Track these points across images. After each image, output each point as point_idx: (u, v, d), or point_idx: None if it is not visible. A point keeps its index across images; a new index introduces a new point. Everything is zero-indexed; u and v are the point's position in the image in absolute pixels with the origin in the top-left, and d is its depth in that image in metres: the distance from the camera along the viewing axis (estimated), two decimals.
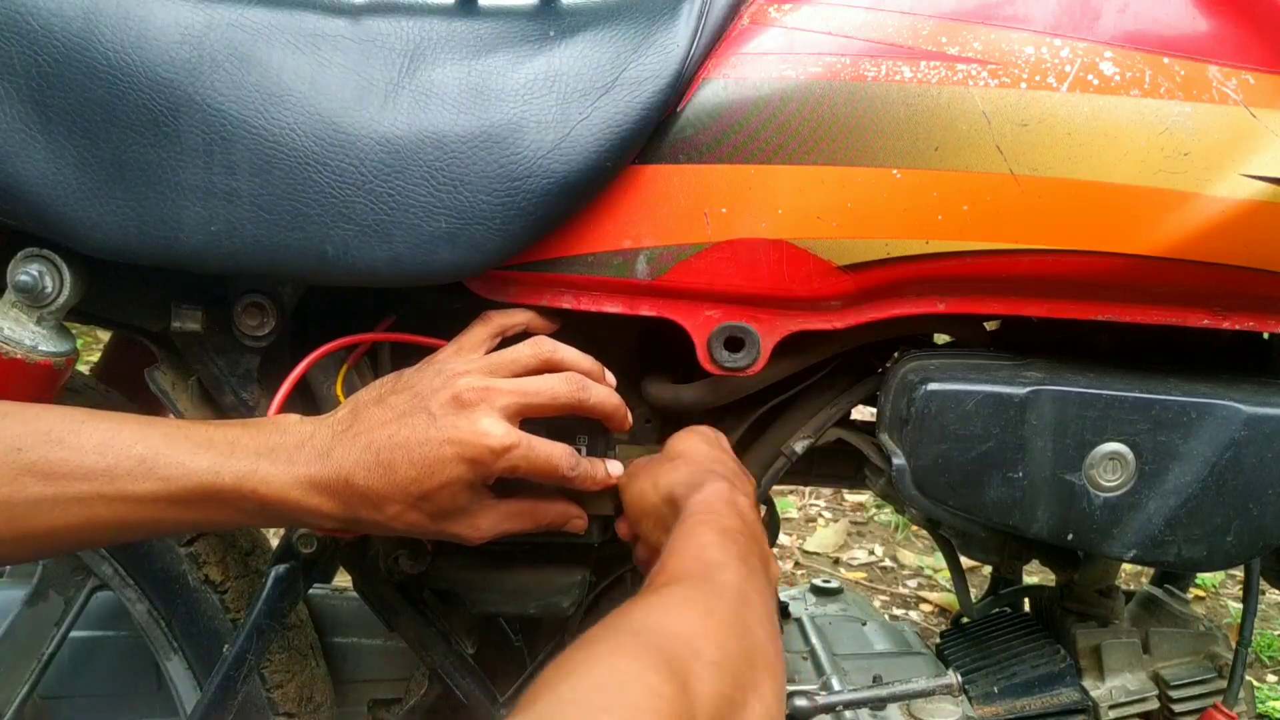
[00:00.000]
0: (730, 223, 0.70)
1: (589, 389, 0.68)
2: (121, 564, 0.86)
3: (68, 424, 0.59)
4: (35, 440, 0.58)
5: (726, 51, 0.70)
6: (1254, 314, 0.74)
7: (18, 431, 0.58)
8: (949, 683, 0.79)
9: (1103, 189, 0.68)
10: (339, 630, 1.00)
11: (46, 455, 0.58)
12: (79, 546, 0.81)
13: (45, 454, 0.58)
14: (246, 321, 0.74)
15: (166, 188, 0.66)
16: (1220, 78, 0.67)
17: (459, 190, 0.67)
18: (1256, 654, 1.97)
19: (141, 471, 0.59)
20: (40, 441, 0.58)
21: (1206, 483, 0.72)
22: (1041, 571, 1.11)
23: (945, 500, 0.74)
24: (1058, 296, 0.74)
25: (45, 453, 0.58)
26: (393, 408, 0.64)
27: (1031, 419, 0.72)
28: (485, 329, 0.71)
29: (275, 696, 0.89)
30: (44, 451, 0.58)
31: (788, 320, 0.74)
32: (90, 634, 0.94)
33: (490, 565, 0.85)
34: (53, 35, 0.64)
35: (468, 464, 0.62)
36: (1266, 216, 0.68)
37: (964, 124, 0.68)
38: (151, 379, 0.78)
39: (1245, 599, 0.91)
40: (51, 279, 0.69)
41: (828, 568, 2.29)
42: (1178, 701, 0.90)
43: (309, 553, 0.79)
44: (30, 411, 0.60)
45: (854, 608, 1.16)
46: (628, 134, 0.68)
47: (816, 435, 0.83)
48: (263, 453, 0.62)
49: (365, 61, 0.68)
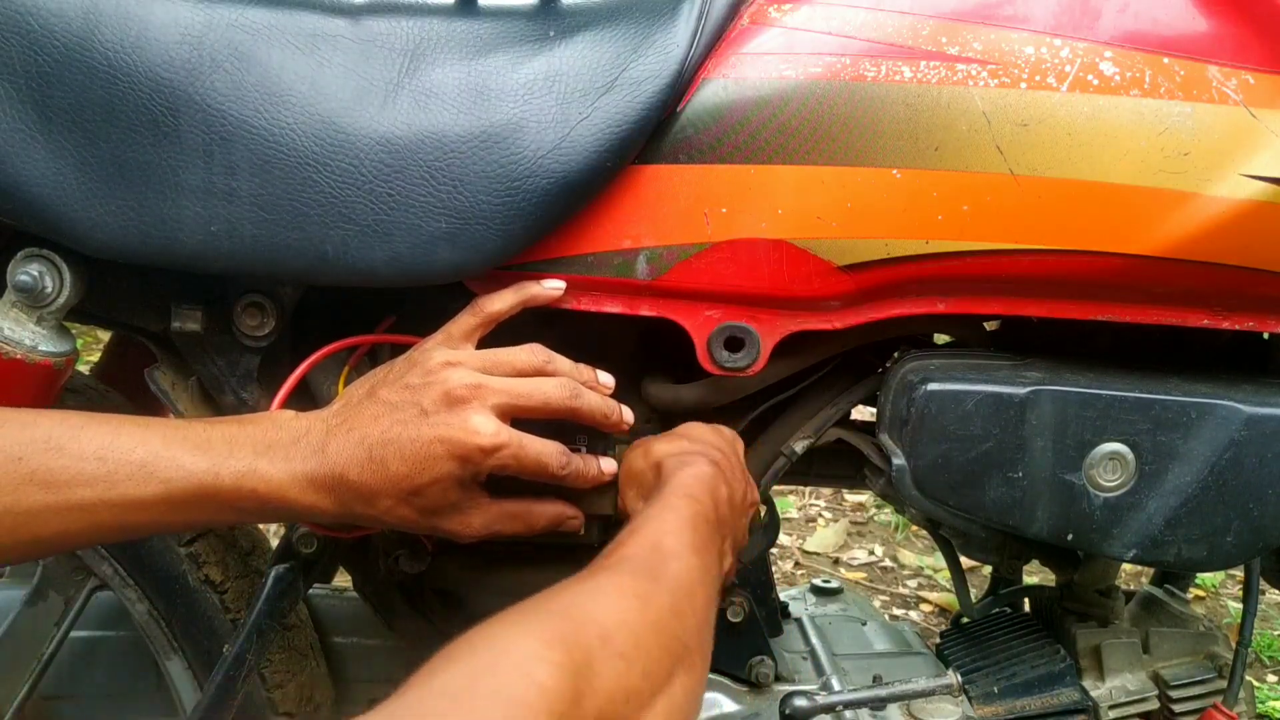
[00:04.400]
0: (730, 223, 0.70)
1: (582, 395, 0.68)
2: (121, 564, 0.85)
3: (66, 430, 0.59)
4: (34, 448, 0.58)
5: (726, 51, 0.70)
6: (1254, 314, 0.74)
7: (16, 439, 0.58)
8: (949, 683, 0.79)
9: (1103, 189, 0.68)
10: (339, 630, 1.00)
11: (47, 463, 0.58)
12: (81, 548, 0.82)
13: (45, 462, 0.58)
14: (246, 321, 0.74)
15: (166, 188, 0.66)
16: (1220, 78, 0.67)
17: (459, 190, 0.67)
18: (1256, 654, 1.97)
19: (142, 476, 0.59)
20: (40, 449, 0.58)
21: (1206, 483, 0.72)
22: (1041, 571, 1.11)
23: (945, 500, 0.74)
24: (1058, 296, 0.74)
25: (45, 461, 0.58)
26: (385, 402, 0.64)
27: (1031, 419, 0.72)
28: (474, 318, 0.70)
29: (275, 696, 0.89)
30: (44, 460, 0.58)
31: (788, 320, 0.74)
32: (90, 634, 0.94)
33: (490, 565, 0.85)
34: (53, 35, 0.64)
35: (457, 461, 0.63)
36: (1266, 216, 0.68)
37: (964, 124, 0.68)
38: (151, 379, 0.78)
39: (1245, 599, 0.91)
40: (51, 279, 0.69)
41: (828, 568, 2.29)
42: (1178, 701, 0.90)
43: (309, 553, 0.79)
44: (27, 418, 0.60)
45: (854, 608, 1.16)
46: (628, 134, 0.68)
47: (816, 435, 0.83)
48: (260, 451, 0.62)
49: (365, 61, 0.68)
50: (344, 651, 1.00)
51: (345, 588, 0.99)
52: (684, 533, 0.57)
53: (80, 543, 0.62)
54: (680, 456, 0.68)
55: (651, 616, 0.48)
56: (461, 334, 0.70)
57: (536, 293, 0.72)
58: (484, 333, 0.71)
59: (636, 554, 0.54)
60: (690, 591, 0.53)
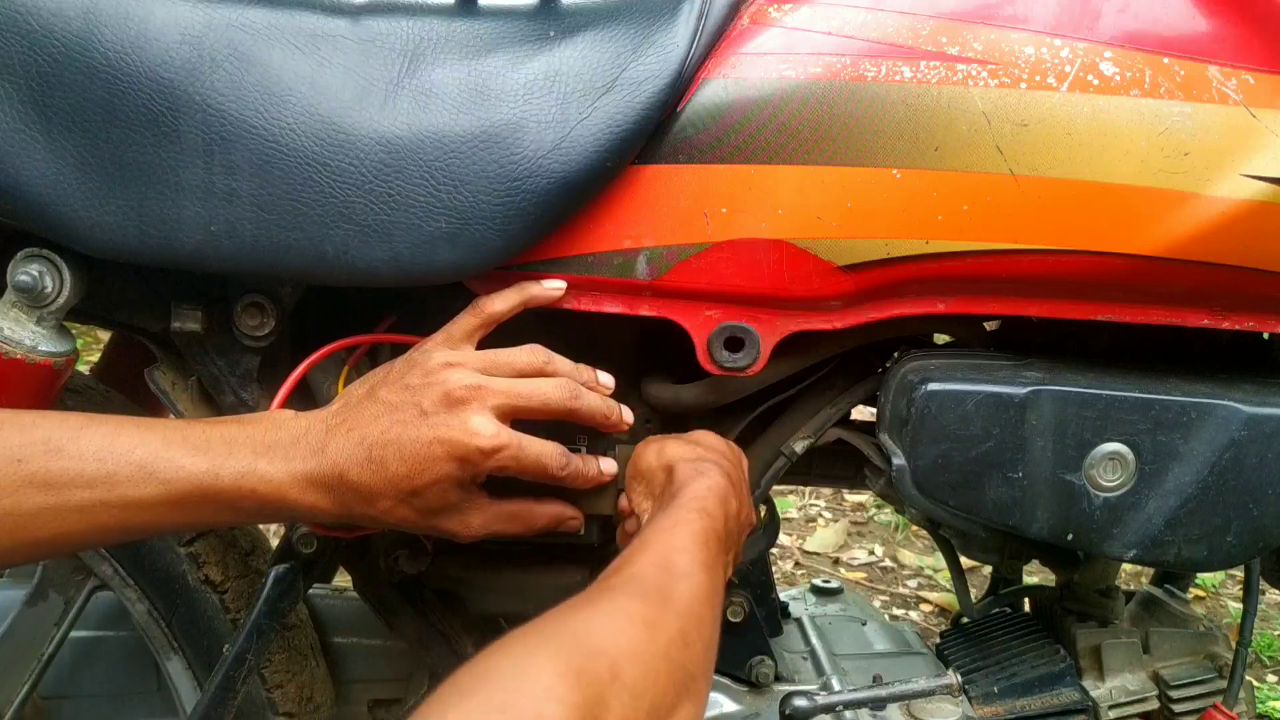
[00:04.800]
0: (730, 223, 0.70)
1: (581, 396, 0.68)
2: (121, 564, 0.85)
3: (65, 432, 0.59)
4: (34, 450, 0.58)
5: (726, 51, 0.70)
6: (1254, 314, 0.74)
7: (16, 441, 0.58)
8: (949, 683, 0.79)
9: (1103, 189, 0.68)
10: (339, 630, 1.00)
11: (47, 465, 0.58)
12: (81, 549, 0.82)
13: (45, 464, 0.58)
14: (246, 321, 0.74)
15: (166, 188, 0.66)
16: (1220, 78, 0.67)
17: (459, 190, 0.67)
18: (1256, 654, 1.97)
19: (141, 477, 0.59)
20: (39, 451, 0.58)
21: (1206, 483, 0.72)
22: (1041, 571, 1.11)
23: (945, 500, 0.74)
24: (1058, 296, 0.74)
25: (45, 463, 0.58)
26: (384, 402, 0.64)
27: (1031, 419, 0.72)
28: (475, 319, 0.70)
29: (275, 696, 0.89)
30: (44, 462, 0.58)
31: (788, 320, 0.74)
32: (90, 634, 0.94)
33: (490, 565, 0.85)
34: (53, 35, 0.64)
35: (457, 462, 0.63)
36: (1266, 216, 0.68)
37: (964, 124, 0.68)
38: (151, 379, 0.78)
39: (1245, 599, 0.91)
40: (51, 279, 0.69)
41: (828, 568, 2.29)
42: (1178, 701, 0.90)
43: (309, 553, 0.79)
44: (27, 419, 0.60)
45: (854, 608, 1.16)
46: (628, 134, 0.68)
47: (816, 435, 0.83)
48: (260, 451, 0.62)
49: (365, 61, 0.68)
50: (344, 651, 1.00)
51: (345, 588, 0.99)
52: (696, 550, 0.57)
53: (80, 544, 0.62)
54: (695, 463, 0.67)
55: (661, 646, 0.48)
56: (462, 335, 0.70)
57: (537, 293, 0.72)
58: (484, 333, 0.71)
59: (648, 573, 0.54)
60: (699, 617, 0.53)
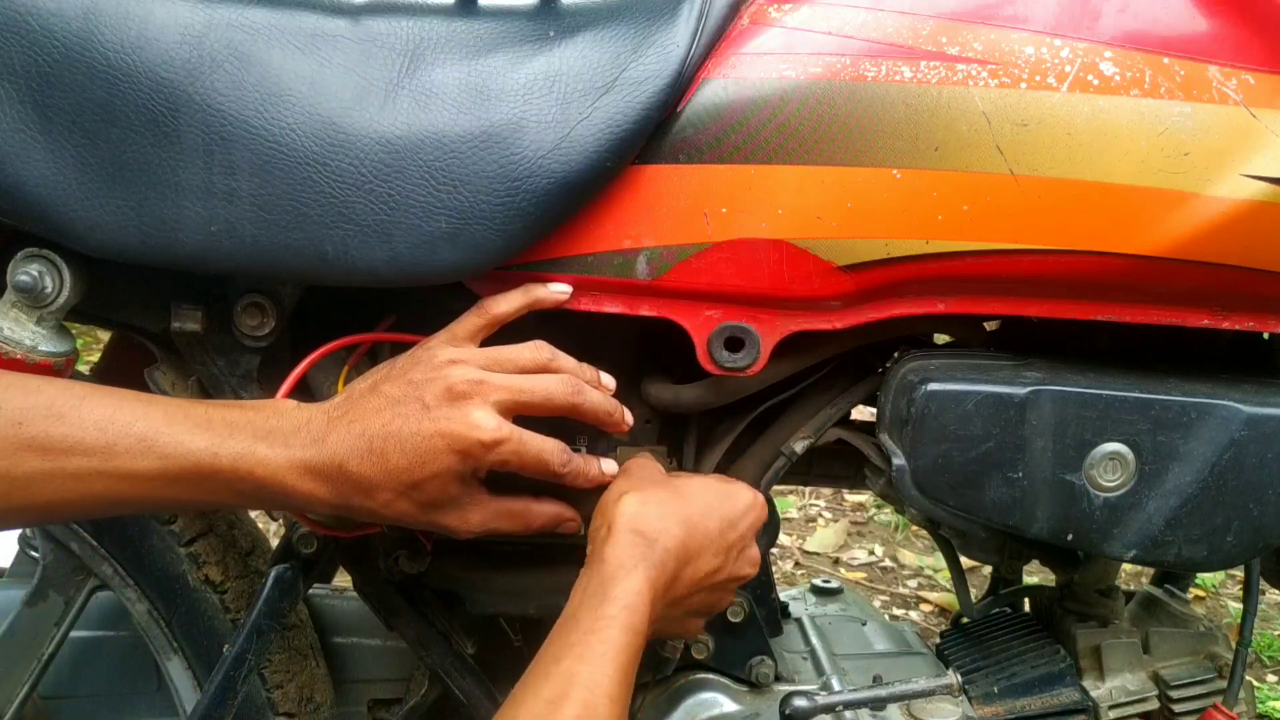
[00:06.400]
0: (730, 223, 0.70)
1: (584, 393, 0.68)
2: (121, 564, 0.86)
3: (69, 399, 0.59)
4: (36, 414, 0.58)
5: (726, 51, 0.70)
6: (1254, 314, 0.74)
7: (19, 405, 0.58)
8: (949, 683, 0.79)
9: (1103, 189, 0.68)
10: (339, 630, 1.00)
11: (47, 430, 0.58)
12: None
13: (45, 429, 0.58)
14: (246, 321, 0.74)
15: (166, 188, 0.66)
16: (1220, 78, 0.67)
17: (459, 190, 0.67)
18: (1256, 654, 1.97)
19: (141, 449, 0.59)
20: (41, 416, 0.58)
21: (1206, 483, 0.72)
22: (1041, 571, 1.11)
23: (945, 500, 0.74)
24: (1058, 296, 0.74)
25: (46, 428, 0.58)
26: (386, 396, 0.64)
27: (1031, 419, 0.72)
28: (479, 319, 0.70)
29: (275, 696, 0.89)
30: (44, 426, 0.58)
31: (788, 320, 0.74)
32: (90, 634, 0.94)
33: (490, 565, 0.85)
34: (53, 35, 0.64)
35: (458, 455, 0.63)
36: (1266, 216, 0.68)
37: (964, 124, 0.68)
38: (151, 379, 0.78)
39: (1245, 599, 0.91)
40: (51, 279, 0.69)
41: (828, 568, 2.29)
42: (1178, 702, 0.90)
43: (309, 553, 0.79)
44: (32, 384, 0.60)
45: (854, 608, 1.16)
46: (628, 134, 0.68)
47: (816, 435, 0.83)
48: (260, 435, 0.62)
49: (365, 61, 0.68)
50: (344, 651, 1.00)
51: (345, 588, 0.99)
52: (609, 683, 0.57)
53: (72, 512, 0.62)
54: (631, 545, 0.64)
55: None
56: (466, 334, 0.70)
57: (543, 295, 0.72)
58: (488, 334, 0.71)
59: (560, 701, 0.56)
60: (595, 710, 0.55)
